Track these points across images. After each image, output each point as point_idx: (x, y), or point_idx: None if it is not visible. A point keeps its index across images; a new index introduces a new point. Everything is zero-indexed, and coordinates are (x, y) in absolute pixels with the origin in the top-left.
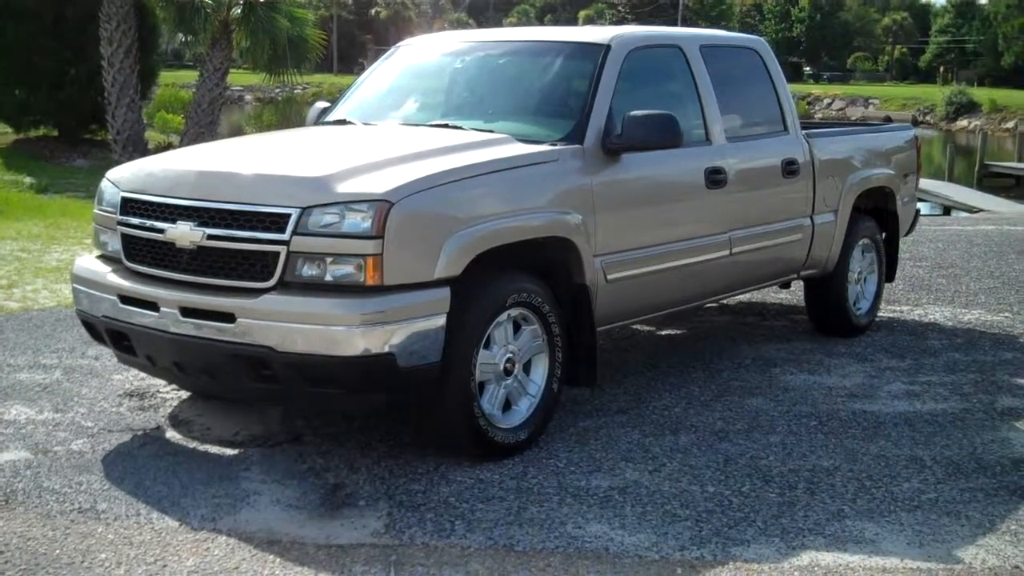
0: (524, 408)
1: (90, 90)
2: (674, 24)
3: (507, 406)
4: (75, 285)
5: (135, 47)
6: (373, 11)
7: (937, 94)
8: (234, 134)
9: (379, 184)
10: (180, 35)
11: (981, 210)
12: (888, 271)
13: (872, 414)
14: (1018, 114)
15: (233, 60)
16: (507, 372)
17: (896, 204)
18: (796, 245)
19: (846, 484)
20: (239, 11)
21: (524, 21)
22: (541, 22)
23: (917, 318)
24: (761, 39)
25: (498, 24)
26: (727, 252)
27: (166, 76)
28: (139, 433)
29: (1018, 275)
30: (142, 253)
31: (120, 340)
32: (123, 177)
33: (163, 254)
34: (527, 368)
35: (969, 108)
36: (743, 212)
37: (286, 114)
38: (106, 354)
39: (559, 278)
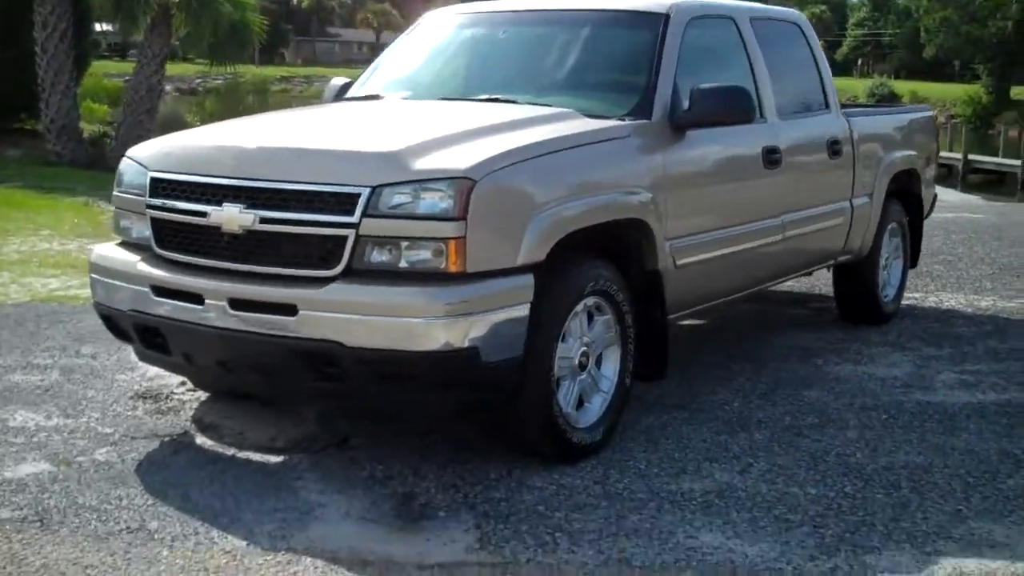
0: (597, 405)
1: (22, 77)
2: None
3: (578, 404)
4: (94, 275)
5: (70, 32)
6: (295, 1)
7: (858, 86)
8: (172, 124)
9: (459, 160)
10: (117, 21)
11: None
12: (912, 256)
13: (938, 405)
14: (938, 105)
15: (173, 45)
16: (581, 367)
17: (921, 187)
18: (838, 229)
19: (949, 482)
20: None
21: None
22: None
23: (933, 305)
24: (801, 14)
25: (417, 12)
26: (780, 236)
27: (106, 66)
28: (166, 439)
29: (1009, 261)
30: (179, 239)
31: (151, 336)
32: (150, 155)
33: (205, 240)
34: (598, 362)
35: (890, 100)
36: (794, 194)
37: (229, 104)
38: (103, 352)
39: (630, 264)
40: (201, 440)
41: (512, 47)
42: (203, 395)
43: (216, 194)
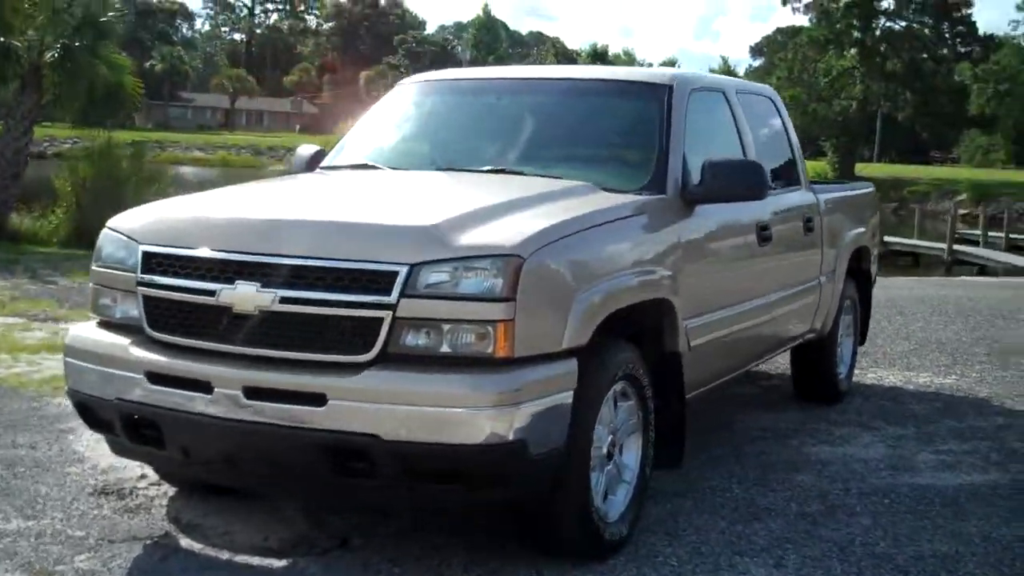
0: (622, 497)
1: None
2: None
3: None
4: (71, 359)
5: None
6: (148, 64)
7: None
8: (39, 189)
9: (502, 236)
10: None
11: None
12: (860, 334)
13: (934, 489)
14: None
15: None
16: (609, 456)
17: (870, 264)
18: (809, 307)
19: (986, 572)
20: (55, 54)
21: (306, 78)
22: (321, 80)
23: (874, 382)
24: (772, 89)
25: (278, 82)
26: (770, 316)
27: None
28: (148, 543)
29: (925, 335)
30: (178, 320)
31: (138, 427)
32: (140, 227)
33: (211, 321)
34: (620, 451)
35: None
36: (780, 271)
37: (103, 168)
38: (41, 441)
39: (646, 346)
40: (187, 543)
41: (508, 116)
42: (168, 489)
43: (226, 271)
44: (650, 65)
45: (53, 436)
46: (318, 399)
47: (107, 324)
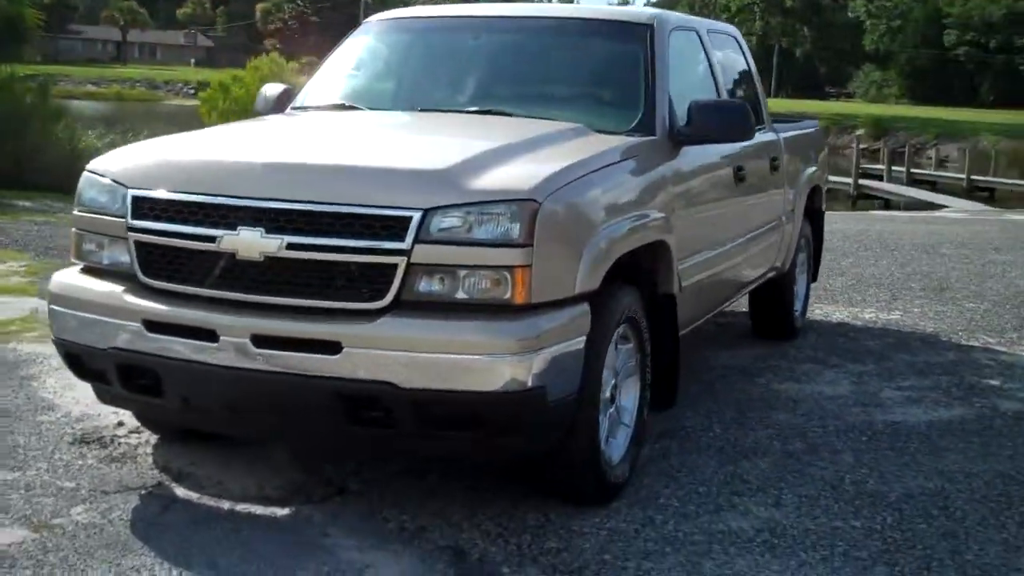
0: (622, 440)
1: None
2: (355, 17)
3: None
4: (57, 307)
5: None
6: None
7: None
8: None
9: (517, 180)
10: None
11: None
12: (813, 271)
13: (906, 425)
14: None
15: None
16: (612, 400)
17: (822, 202)
18: (775, 246)
19: (976, 508)
20: None
21: (199, 11)
22: (215, 12)
23: (822, 318)
24: (734, 28)
25: (171, 14)
26: (745, 256)
27: None
28: (143, 493)
29: (858, 270)
30: (174, 267)
31: (137, 377)
32: (127, 169)
33: (212, 268)
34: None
35: None
36: (753, 211)
37: (5, 103)
38: (6, 391)
39: (643, 288)
40: (183, 492)
41: (487, 55)
42: (150, 437)
43: (228, 216)
44: (550, 1)
45: (16, 383)
46: (333, 347)
47: (93, 270)
